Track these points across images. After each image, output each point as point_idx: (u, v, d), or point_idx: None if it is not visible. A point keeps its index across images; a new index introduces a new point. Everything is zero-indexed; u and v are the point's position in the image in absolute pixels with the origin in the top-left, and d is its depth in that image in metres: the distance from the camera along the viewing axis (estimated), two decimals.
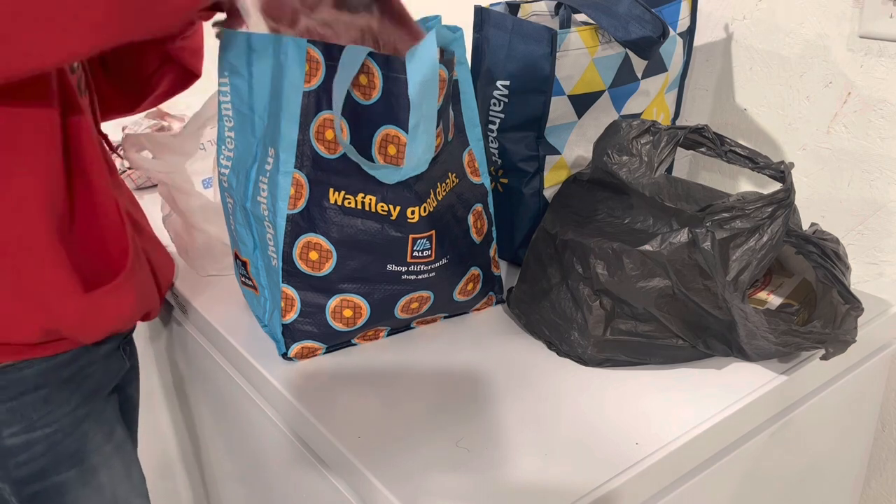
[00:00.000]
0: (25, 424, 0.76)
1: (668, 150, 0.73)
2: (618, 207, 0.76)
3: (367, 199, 0.72)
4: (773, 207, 0.69)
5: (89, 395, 0.82)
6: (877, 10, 0.87)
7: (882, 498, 1.03)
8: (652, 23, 0.85)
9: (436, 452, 0.65)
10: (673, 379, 0.74)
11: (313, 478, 0.73)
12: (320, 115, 0.71)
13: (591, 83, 0.87)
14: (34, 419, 0.77)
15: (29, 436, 0.77)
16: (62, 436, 0.79)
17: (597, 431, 0.67)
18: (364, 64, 0.67)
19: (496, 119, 0.89)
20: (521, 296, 0.82)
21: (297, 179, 0.72)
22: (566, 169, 0.91)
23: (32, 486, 0.79)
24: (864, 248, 0.95)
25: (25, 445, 0.77)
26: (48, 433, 0.78)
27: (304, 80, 0.70)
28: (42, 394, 0.77)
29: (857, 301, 0.73)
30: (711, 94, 1.07)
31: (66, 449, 0.80)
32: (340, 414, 0.70)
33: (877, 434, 1.00)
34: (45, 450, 0.78)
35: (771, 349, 0.73)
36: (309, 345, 0.77)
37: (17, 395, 0.75)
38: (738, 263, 0.69)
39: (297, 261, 0.74)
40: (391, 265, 0.74)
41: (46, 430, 0.78)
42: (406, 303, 0.77)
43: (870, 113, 0.91)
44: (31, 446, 0.77)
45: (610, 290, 0.72)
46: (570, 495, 0.60)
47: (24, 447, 0.77)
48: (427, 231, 0.74)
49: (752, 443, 0.73)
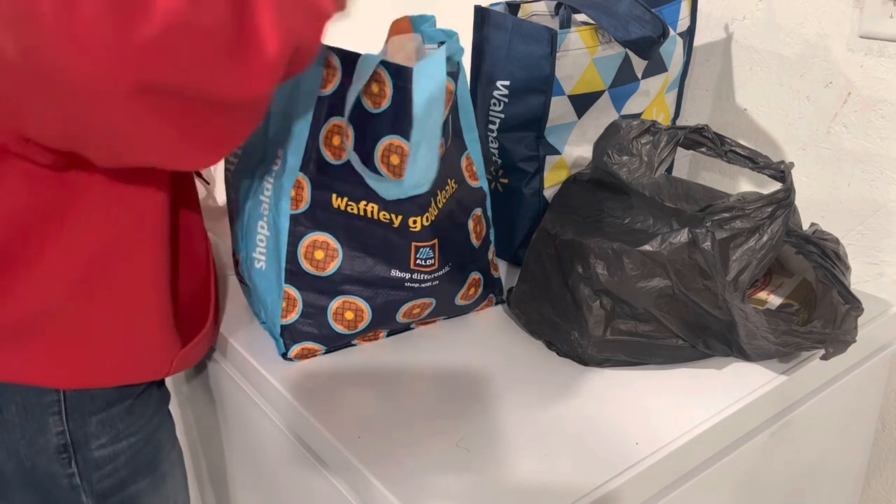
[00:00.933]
0: (113, 435, 0.75)
1: (668, 150, 0.73)
2: (618, 207, 0.76)
3: (370, 206, 0.72)
4: (773, 207, 0.69)
5: (161, 404, 0.82)
6: (877, 10, 0.87)
7: (882, 498, 1.03)
8: (652, 23, 0.85)
9: (436, 452, 0.65)
10: (673, 379, 0.74)
11: (313, 478, 0.73)
12: (330, 121, 0.71)
13: (591, 83, 0.87)
14: (120, 429, 0.76)
15: (114, 447, 0.76)
16: (142, 445, 0.79)
17: (597, 431, 0.67)
18: (376, 72, 0.67)
19: (496, 119, 0.89)
20: (521, 296, 0.82)
21: (300, 181, 0.72)
22: (566, 169, 0.91)
23: (112, 498, 0.77)
24: (864, 248, 0.95)
25: (111, 457, 0.76)
26: (132, 443, 0.77)
27: (321, 85, 0.71)
28: (127, 404, 0.76)
29: (857, 301, 0.73)
30: (711, 94, 1.07)
31: (145, 458, 0.79)
32: (340, 414, 0.70)
33: (877, 434, 1.00)
34: (127, 460, 0.77)
35: (771, 349, 0.73)
36: (309, 346, 0.77)
37: (105, 406, 0.74)
38: (738, 263, 0.69)
39: (302, 260, 0.74)
40: (395, 271, 0.74)
41: (130, 440, 0.77)
42: (408, 309, 0.77)
43: (870, 113, 0.91)
44: (115, 457, 0.76)
45: (610, 290, 0.72)
46: (570, 495, 0.60)
47: (110, 459, 0.76)
48: (430, 240, 0.74)
49: (752, 443, 0.73)
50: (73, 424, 0.72)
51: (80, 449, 0.73)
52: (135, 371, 0.74)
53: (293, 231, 0.73)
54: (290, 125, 0.72)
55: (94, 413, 0.73)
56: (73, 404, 0.71)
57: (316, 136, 0.72)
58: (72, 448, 0.73)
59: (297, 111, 0.72)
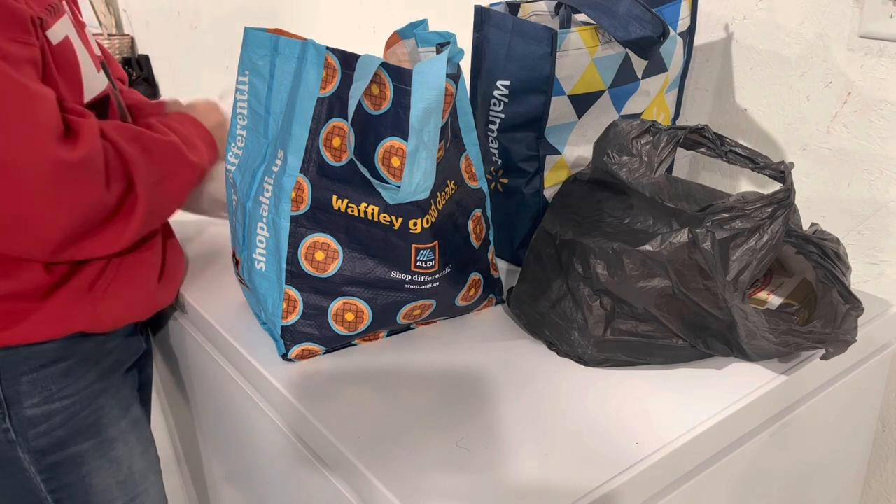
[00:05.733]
0: (45, 396, 0.80)
1: (668, 150, 0.73)
2: (618, 207, 0.76)
3: (371, 208, 0.72)
4: (774, 207, 0.69)
5: (107, 371, 0.86)
6: (877, 10, 0.87)
7: (882, 498, 1.03)
8: (652, 23, 0.85)
9: (436, 452, 0.65)
10: (673, 379, 0.74)
11: (313, 478, 0.73)
12: (330, 123, 0.71)
13: (592, 83, 0.87)
14: (53, 391, 0.80)
15: (48, 407, 0.80)
16: (80, 408, 0.83)
17: (597, 431, 0.67)
18: (376, 74, 0.67)
19: (496, 119, 0.89)
20: (522, 296, 0.82)
21: (300, 183, 0.72)
22: (566, 169, 0.91)
23: (51, 456, 0.82)
24: (864, 248, 0.95)
25: (45, 416, 0.80)
26: (66, 405, 0.81)
27: (320, 86, 0.71)
28: (62, 367, 0.80)
29: (858, 301, 0.73)
30: (711, 94, 1.07)
31: (84, 421, 0.83)
32: (340, 414, 0.70)
33: (877, 434, 1.00)
34: (63, 421, 0.81)
35: (771, 349, 0.73)
36: (309, 347, 0.77)
37: (37, 367, 0.79)
38: (738, 263, 0.69)
39: (302, 261, 0.74)
40: (395, 272, 0.74)
41: (65, 401, 0.81)
42: (409, 310, 0.77)
43: (870, 113, 0.91)
44: (50, 417, 0.80)
45: (610, 290, 0.72)
46: (570, 495, 0.60)
47: (44, 418, 0.80)
48: (430, 242, 0.74)
49: (752, 443, 0.73)
50: (6, 383, 0.78)
51: (12, 406, 0.79)
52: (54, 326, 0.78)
53: (294, 232, 0.73)
54: (290, 126, 0.72)
55: (26, 373, 0.78)
56: (4, 363, 0.77)
57: (316, 138, 0.72)
58: (5, 405, 0.78)
59: (296, 112, 0.72)
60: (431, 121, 0.66)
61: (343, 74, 0.70)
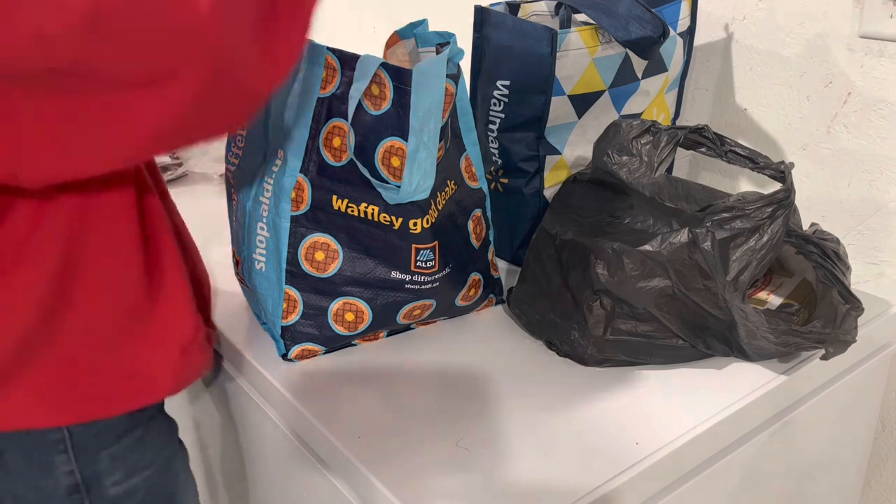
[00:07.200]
0: (127, 470, 0.70)
1: (668, 150, 0.73)
2: (618, 207, 0.76)
3: (371, 208, 0.72)
4: (774, 207, 0.69)
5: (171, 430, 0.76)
6: (877, 10, 0.87)
7: (882, 498, 1.03)
8: (652, 23, 0.85)
9: (436, 452, 0.65)
10: (673, 379, 0.74)
11: (313, 478, 0.73)
12: (330, 123, 0.71)
13: (592, 83, 0.87)
14: (133, 462, 0.70)
15: (130, 482, 0.70)
16: (158, 476, 0.73)
17: (597, 431, 0.67)
18: (376, 74, 0.67)
19: (496, 119, 0.89)
20: (522, 296, 0.82)
21: (300, 183, 0.72)
22: (566, 169, 0.91)
23: None
24: (864, 248, 0.95)
25: (128, 494, 0.70)
26: (147, 476, 0.71)
27: (320, 86, 0.71)
28: (138, 434, 0.70)
29: (858, 301, 0.73)
30: (711, 94, 1.07)
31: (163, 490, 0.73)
32: (340, 414, 0.70)
33: (877, 434, 1.00)
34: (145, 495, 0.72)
35: (771, 349, 0.73)
36: (309, 347, 0.77)
37: (115, 439, 0.68)
38: (738, 263, 0.69)
39: (302, 262, 0.74)
40: (396, 272, 0.74)
41: (146, 472, 0.71)
42: (409, 310, 0.77)
43: (870, 113, 0.91)
44: (133, 494, 0.71)
45: (610, 290, 0.72)
46: (570, 495, 0.60)
47: (127, 495, 0.70)
48: (430, 242, 0.74)
49: (752, 443, 0.73)
50: (83, 462, 0.66)
51: (93, 488, 0.68)
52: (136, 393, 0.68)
53: (294, 232, 0.73)
54: (290, 126, 0.72)
55: (104, 447, 0.67)
56: (80, 440, 0.66)
57: (316, 138, 0.72)
58: (84, 488, 0.67)
59: (296, 112, 0.72)
60: (431, 121, 0.66)
61: (343, 74, 0.70)
